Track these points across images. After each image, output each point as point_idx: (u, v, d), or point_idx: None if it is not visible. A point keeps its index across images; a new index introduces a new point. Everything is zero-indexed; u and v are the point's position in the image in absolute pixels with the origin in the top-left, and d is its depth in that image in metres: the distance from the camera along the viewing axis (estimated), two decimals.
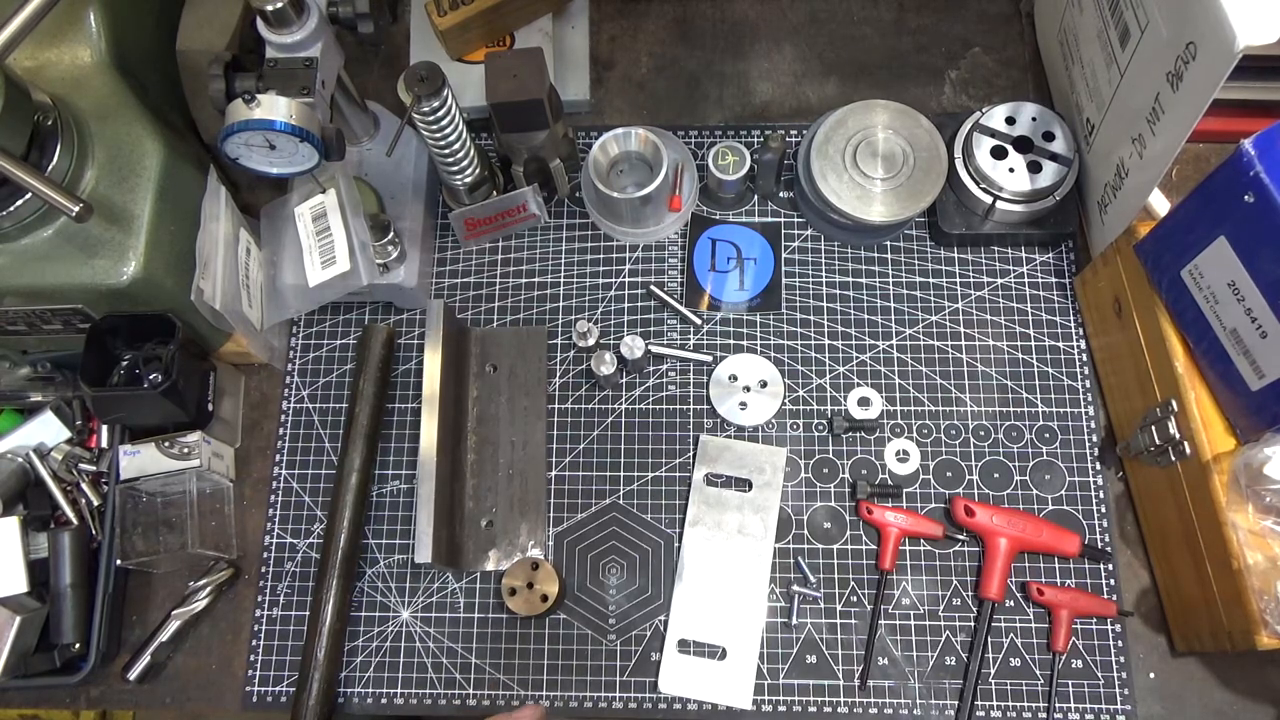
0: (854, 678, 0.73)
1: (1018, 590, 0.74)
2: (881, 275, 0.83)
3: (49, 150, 0.65)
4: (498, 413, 0.80)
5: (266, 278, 0.80)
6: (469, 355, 0.82)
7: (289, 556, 0.78)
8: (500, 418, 0.80)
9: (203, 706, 0.76)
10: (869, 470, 0.78)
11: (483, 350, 0.82)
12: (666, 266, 0.85)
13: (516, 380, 0.81)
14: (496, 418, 0.80)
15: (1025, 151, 0.78)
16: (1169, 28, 0.61)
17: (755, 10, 0.93)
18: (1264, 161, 0.53)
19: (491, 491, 0.78)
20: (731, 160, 0.81)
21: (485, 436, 0.80)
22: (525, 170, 0.81)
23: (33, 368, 0.79)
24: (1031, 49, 0.90)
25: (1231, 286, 0.58)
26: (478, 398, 0.81)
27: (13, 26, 0.61)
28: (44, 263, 0.68)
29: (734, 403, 0.79)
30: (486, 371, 0.81)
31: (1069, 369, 0.80)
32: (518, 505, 0.78)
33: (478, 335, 0.83)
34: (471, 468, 0.79)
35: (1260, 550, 0.61)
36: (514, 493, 0.78)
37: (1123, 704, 0.71)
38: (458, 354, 0.80)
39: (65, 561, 0.72)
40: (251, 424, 0.82)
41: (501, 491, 0.78)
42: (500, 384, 0.81)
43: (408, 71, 0.68)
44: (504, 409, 0.80)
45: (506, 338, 0.82)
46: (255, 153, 0.66)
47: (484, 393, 0.81)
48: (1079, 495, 0.76)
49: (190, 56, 0.79)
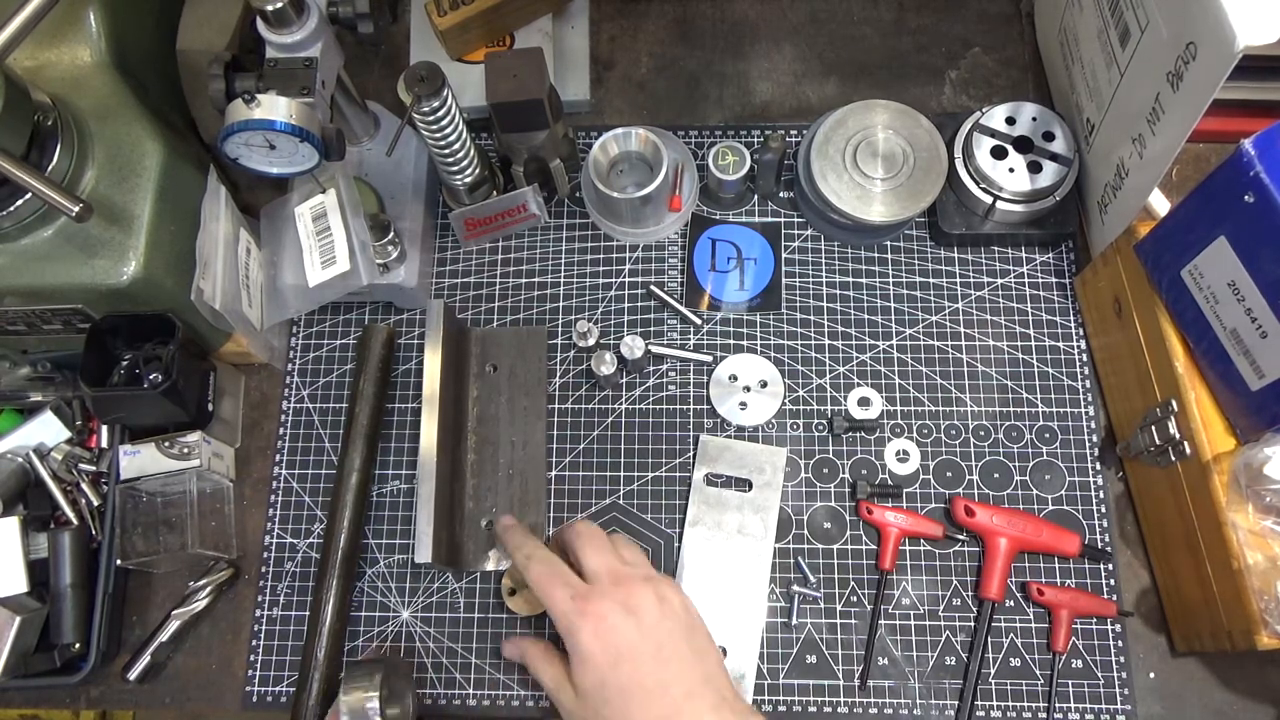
0: (854, 678, 0.73)
1: (1018, 590, 0.74)
2: (881, 275, 0.83)
3: (49, 150, 0.65)
4: (498, 413, 0.80)
5: (266, 278, 0.80)
6: (469, 355, 0.82)
7: (289, 556, 0.78)
8: (500, 418, 0.80)
9: (203, 706, 0.76)
10: (869, 470, 0.78)
11: (483, 350, 0.82)
12: (666, 266, 0.85)
13: (516, 380, 0.81)
14: (496, 418, 0.80)
15: (1025, 151, 0.78)
16: (1169, 28, 0.61)
17: (755, 10, 0.93)
18: (1264, 161, 0.53)
19: (492, 491, 0.78)
20: (731, 160, 0.81)
21: (485, 436, 0.79)
22: (525, 170, 0.81)
23: (33, 368, 0.79)
24: (1031, 49, 0.90)
25: (1231, 286, 0.58)
26: (478, 397, 0.81)
27: (13, 26, 0.61)
28: (44, 263, 0.68)
29: (734, 403, 0.79)
30: (486, 371, 0.81)
31: (1069, 369, 0.80)
32: (518, 505, 0.78)
33: (478, 335, 0.82)
34: (472, 467, 0.79)
35: (1260, 550, 0.61)
36: (514, 493, 0.78)
37: (1123, 704, 0.71)
38: (458, 354, 0.80)
39: (65, 561, 0.72)
40: (251, 424, 0.82)
41: (502, 491, 0.78)
42: (500, 384, 0.81)
43: (408, 71, 0.68)
44: (504, 409, 0.80)
45: (506, 338, 0.82)
46: (255, 153, 0.66)
47: (484, 393, 0.81)
48: (1079, 495, 0.76)
49: (190, 56, 0.79)
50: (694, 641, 0.61)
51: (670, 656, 0.59)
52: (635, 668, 0.58)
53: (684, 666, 0.59)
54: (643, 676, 0.58)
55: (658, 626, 0.60)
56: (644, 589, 0.61)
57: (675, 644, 0.60)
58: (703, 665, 0.60)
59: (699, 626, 0.63)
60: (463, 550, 0.76)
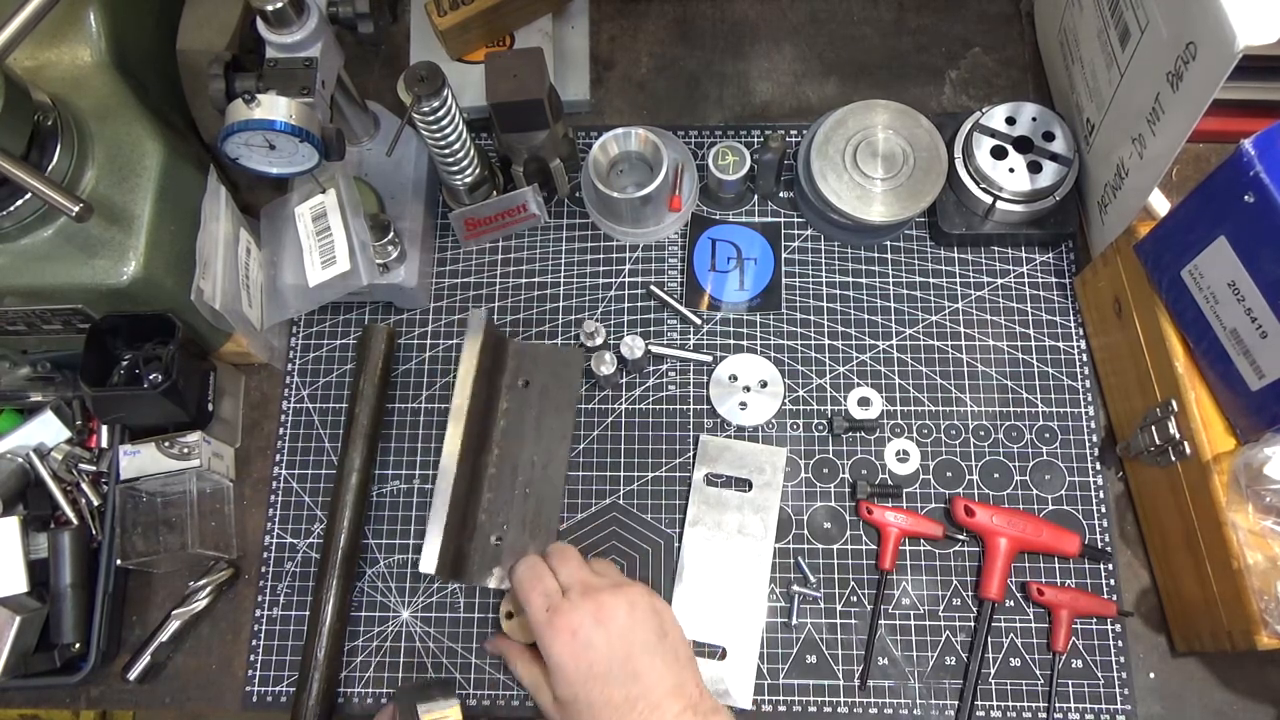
0: (854, 678, 0.73)
1: (1018, 590, 0.74)
2: (881, 275, 0.83)
3: (49, 150, 0.65)
4: (524, 429, 0.79)
5: (266, 278, 0.80)
6: (504, 367, 0.80)
7: (289, 556, 0.78)
8: (526, 434, 0.79)
9: (203, 706, 0.76)
10: (869, 470, 0.78)
11: (519, 363, 0.80)
12: (666, 266, 0.85)
13: (548, 398, 0.79)
14: (522, 434, 0.79)
15: (1025, 151, 0.78)
16: (1169, 28, 0.61)
17: (755, 10, 0.93)
18: (1264, 161, 0.53)
19: (506, 508, 0.77)
20: (731, 160, 0.81)
21: (508, 451, 0.78)
22: (525, 170, 0.81)
23: (33, 368, 0.79)
24: (1031, 49, 0.90)
25: (1231, 286, 0.58)
26: (507, 410, 0.79)
27: (13, 26, 0.61)
28: (44, 263, 0.68)
29: (734, 403, 0.79)
30: (519, 385, 0.80)
31: (1069, 369, 0.80)
32: (529, 526, 0.76)
33: (515, 348, 0.81)
34: (489, 481, 0.77)
35: (1260, 550, 0.61)
36: (527, 513, 0.77)
37: (1123, 704, 0.71)
38: (494, 364, 0.78)
39: (65, 561, 0.72)
40: (251, 424, 0.82)
41: (515, 509, 0.77)
42: (531, 399, 0.79)
43: (408, 71, 0.68)
44: (531, 426, 0.79)
45: (544, 354, 0.81)
46: (255, 153, 0.66)
47: (514, 406, 0.79)
48: (1079, 495, 0.76)
49: (190, 56, 0.79)
50: (665, 644, 0.62)
51: (640, 667, 0.60)
52: (604, 686, 0.60)
53: (653, 676, 0.61)
54: (611, 693, 0.60)
55: (628, 634, 0.61)
56: (613, 597, 0.63)
57: (645, 651, 0.61)
58: (674, 670, 0.61)
59: (671, 628, 0.64)
60: (468, 564, 0.75)
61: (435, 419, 0.81)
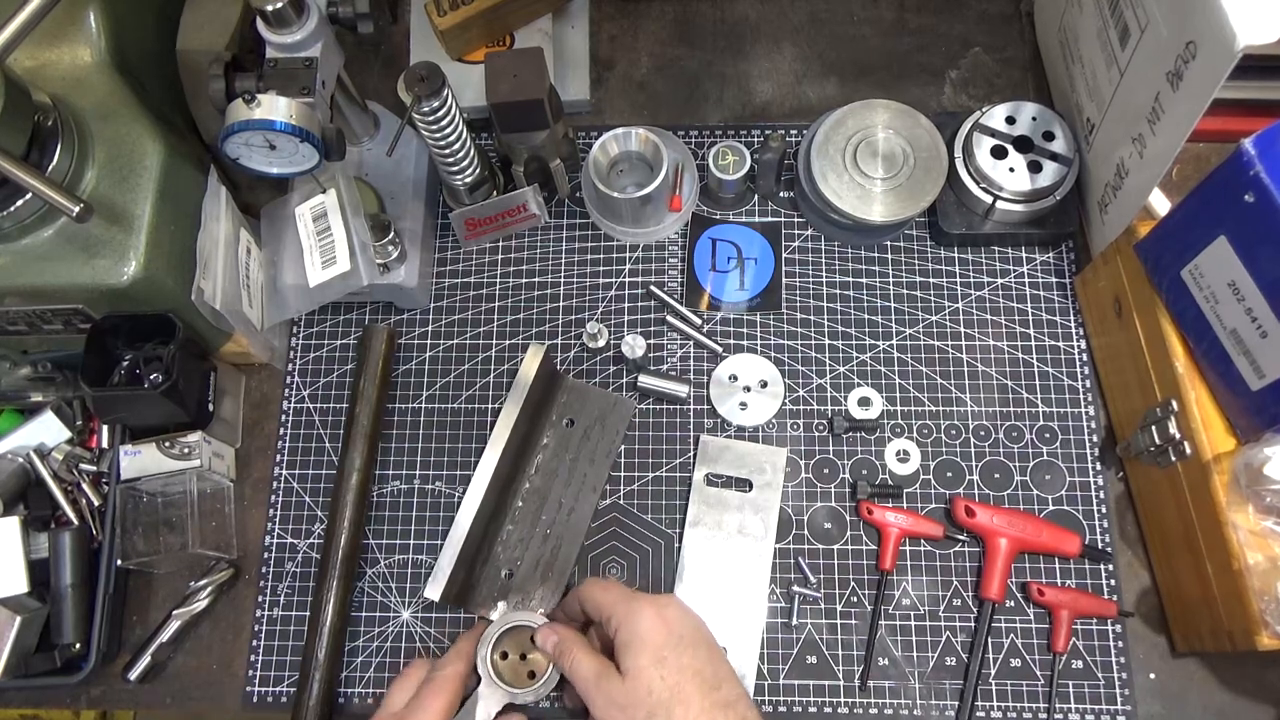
0: (854, 678, 0.73)
1: (1018, 590, 0.74)
2: (881, 275, 0.83)
3: (49, 150, 0.65)
4: (558, 469, 0.78)
5: (267, 278, 0.80)
6: (554, 402, 0.79)
7: (289, 556, 0.78)
8: (559, 475, 0.78)
9: (203, 706, 0.76)
10: (869, 470, 0.78)
11: (568, 401, 0.79)
12: (666, 266, 0.85)
13: (588, 444, 0.78)
14: (555, 474, 0.78)
15: (1025, 151, 0.78)
16: (1169, 27, 0.61)
17: (755, 10, 0.93)
18: (1264, 161, 0.53)
19: (524, 545, 0.76)
20: (731, 160, 0.81)
21: (538, 488, 0.77)
22: (525, 170, 0.81)
23: (33, 368, 0.79)
24: (1031, 49, 0.90)
25: (1231, 286, 0.58)
26: (546, 445, 0.78)
27: (13, 26, 0.61)
28: (44, 263, 0.68)
29: (734, 403, 0.79)
30: (564, 424, 0.79)
31: (1069, 369, 0.80)
32: (542, 567, 0.75)
33: (568, 385, 0.80)
34: (514, 514, 0.77)
35: (1260, 550, 0.61)
36: (544, 554, 0.76)
37: (1123, 704, 0.71)
38: (544, 396, 0.78)
39: (65, 561, 0.72)
40: (252, 424, 0.82)
41: (533, 549, 0.76)
42: (573, 441, 0.78)
43: (408, 71, 0.68)
44: (565, 468, 0.78)
45: (594, 398, 0.80)
46: (255, 153, 0.66)
47: (555, 444, 0.78)
48: (1079, 495, 0.76)
49: (190, 56, 0.79)
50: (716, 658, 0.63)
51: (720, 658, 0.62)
52: (695, 654, 0.60)
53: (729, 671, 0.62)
54: (701, 664, 0.60)
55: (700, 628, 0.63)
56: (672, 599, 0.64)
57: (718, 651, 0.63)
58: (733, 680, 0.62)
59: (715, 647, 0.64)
60: (475, 593, 0.74)
61: (435, 419, 0.81)
